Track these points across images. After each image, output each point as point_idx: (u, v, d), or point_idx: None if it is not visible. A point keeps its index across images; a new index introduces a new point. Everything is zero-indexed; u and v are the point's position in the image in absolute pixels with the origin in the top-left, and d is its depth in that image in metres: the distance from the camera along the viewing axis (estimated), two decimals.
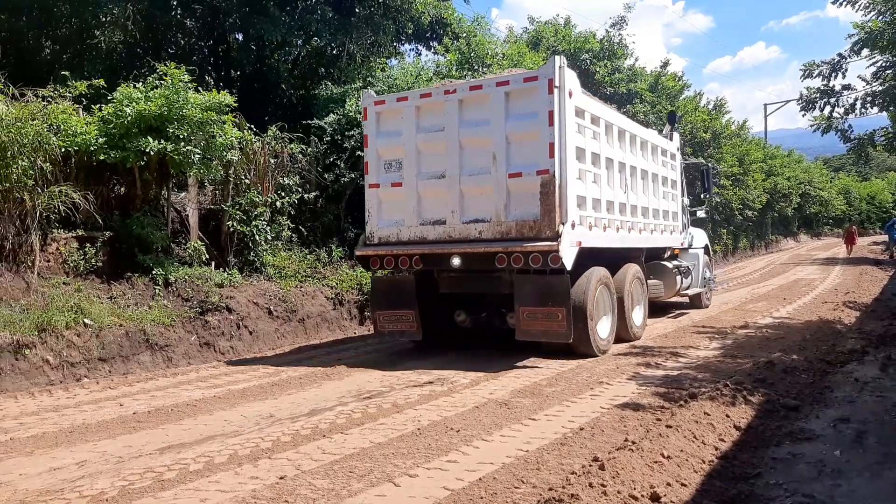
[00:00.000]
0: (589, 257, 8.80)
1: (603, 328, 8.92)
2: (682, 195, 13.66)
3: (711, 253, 15.40)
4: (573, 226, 7.82)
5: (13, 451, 5.15)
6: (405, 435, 5.23)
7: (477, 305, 9.11)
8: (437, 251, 8.29)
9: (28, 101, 9.27)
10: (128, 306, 9.03)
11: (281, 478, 4.37)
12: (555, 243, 7.51)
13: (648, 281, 10.99)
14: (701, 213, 15.35)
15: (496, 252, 7.87)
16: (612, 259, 9.64)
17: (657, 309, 12.78)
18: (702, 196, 14.28)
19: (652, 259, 12.03)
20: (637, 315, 10.25)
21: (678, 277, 12.40)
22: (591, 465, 4.13)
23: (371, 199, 8.91)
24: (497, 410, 5.93)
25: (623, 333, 9.62)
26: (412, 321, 8.80)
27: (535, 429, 5.34)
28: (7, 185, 8.54)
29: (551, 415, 5.77)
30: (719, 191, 26.86)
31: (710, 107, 29.63)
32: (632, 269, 9.88)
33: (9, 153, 8.50)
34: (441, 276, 9.10)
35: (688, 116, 25.19)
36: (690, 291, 13.15)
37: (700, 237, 14.33)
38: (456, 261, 8.19)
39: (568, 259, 7.65)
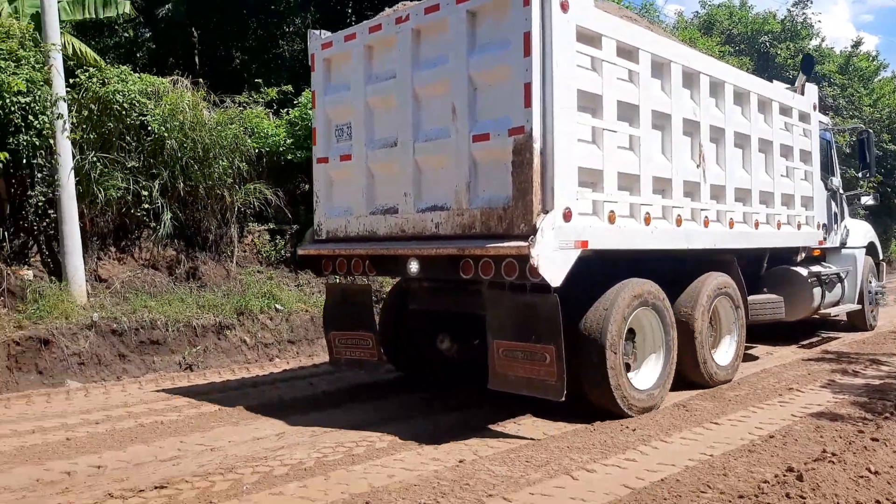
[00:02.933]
0: (623, 265, 5.79)
1: (644, 375, 5.86)
2: (831, 173, 9.77)
3: (881, 254, 11.09)
4: (567, 216, 4.90)
5: (222, 420, 5.75)
6: (578, 429, 5.23)
7: (466, 329, 6.42)
8: (387, 251, 5.74)
9: (227, 107, 10.83)
10: (312, 294, 10.02)
11: (460, 461, 4.49)
12: (524, 244, 4.67)
13: (753, 298, 7.54)
14: (868, 200, 11.15)
15: (457, 256, 5.18)
16: (675, 267, 6.46)
17: (783, 331, 9.10)
18: (860, 175, 10.15)
19: (776, 263, 8.48)
20: (724, 349, 6.93)
21: (815, 290, 8.67)
22: (785, 475, 3.94)
23: (319, 177, 6.54)
24: (675, 412, 5.69)
25: (693, 375, 6.43)
26: (371, 347, 6.33)
27: (717, 433, 5.13)
28: (210, 182, 9.95)
29: (735, 420, 5.49)
30: None
31: None
32: (712, 282, 6.60)
33: (211, 154, 9.88)
34: (409, 287, 6.55)
35: (884, 100, 23.25)
36: (838, 309, 9.27)
37: (860, 232, 10.26)
38: (413, 267, 5.58)
39: (552, 268, 4.76)
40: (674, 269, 6.43)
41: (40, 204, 8.61)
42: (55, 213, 8.55)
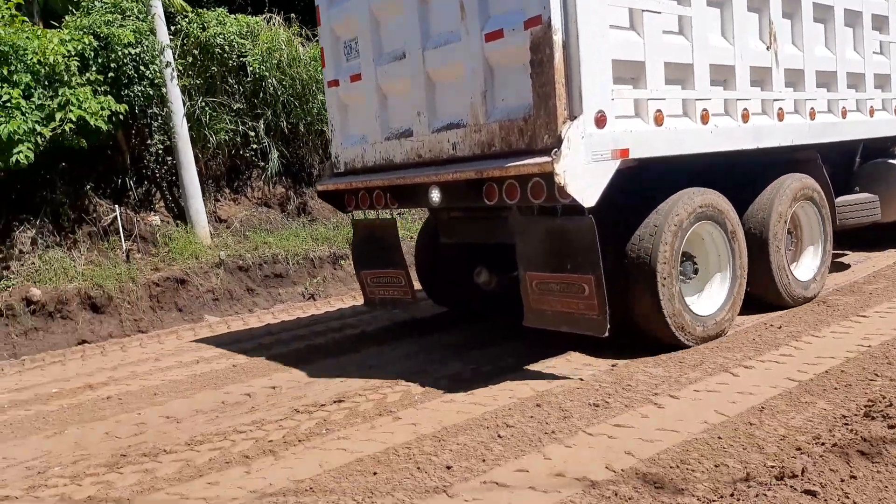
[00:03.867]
0: (679, 173, 4.97)
1: (707, 299, 5.08)
2: None
3: None
4: (600, 121, 4.10)
5: (366, 342, 5.89)
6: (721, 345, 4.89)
7: (504, 259, 5.76)
8: (403, 181, 5.11)
9: (318, 40, 11.04)
10: (414, 221, 9.76)
11: (612, 365, 4.58)
12: (547, 159, 3.93)
13: (842, 199, 6.50)
14: None
15: (477, 180, 4.49)
16: (744, 171, 5.54)
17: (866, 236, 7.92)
18: None
19: (870, 157, 7.32)
20: (806, 263, 6.01)
21: None
22: None
23: (331, 103, 5.90)
24: (817, 309, 5.61)
25: (770, 296, 5.60)
26: (403, 285, 5.81)
27: (867, 326, 5.01)
28: (309, 118, 10.06)
29: (883, 312, 5.35)
30: None
31: None
32: (790, 186, 5.63)
33: (308, 90, 9.93)
34: (438, 218, 5.92)
35: None
36: None
37: None
38: (434, 196, 4.94)
39: (584, 186, 4.02)
40: (742, 175, 5.51)
41: (159, 152, 8.97)
42: (173, 159, 8.90)
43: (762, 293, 5.56)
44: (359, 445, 3.61)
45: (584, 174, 4.02)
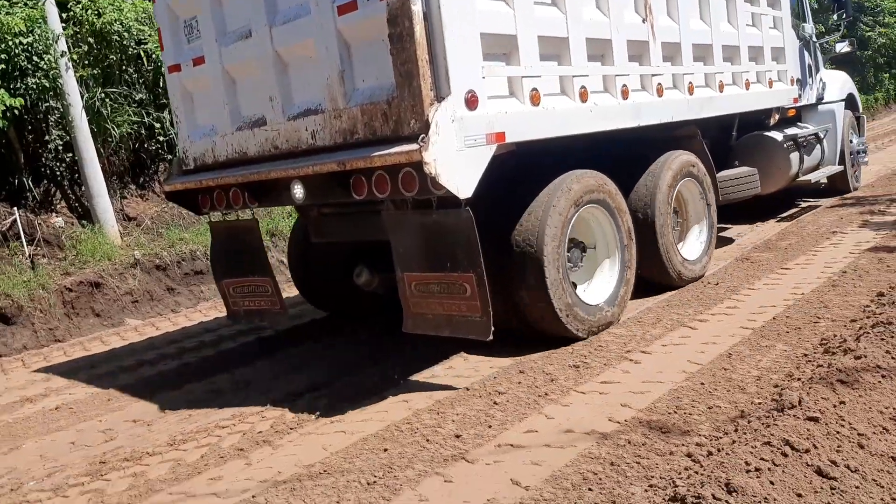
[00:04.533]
0: (559, 156, 4.64)
1: (597, 287, 4.82)
2: (803, 20, 8.48)
3: (861, 107, 9.97)
4: (471, 101, 3.66)
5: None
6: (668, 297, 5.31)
7: (387, 256, 5.27)
8: (257, 176, 4.49)
9: None
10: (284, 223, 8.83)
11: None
12: (414, 147, 3.46)
13: (723, 174, 6.45)
14: (843, 48, 9.90)
15: (341, 173, 3.95)
16: (626, 150, 5.31)
17: (749, 208, 8.06)
18: (835, 18, 8.83)
19: (746, 130, 7.36)
20: (692, 242, 5.88)
21: (793, 155, 7.61)
22: (880, 298, 4.35)
23: (174, 91, 5.16)
24: (743, 266, 6.03)
25: (659, 276, 5.42)
26: (270, 294, 5.19)
27: (793, 277, 5.44)
28: None
29: (802, 263, 5.84)
30: (885, 30, 21.59)
31: None
32: (673, 163, 5.45)
33: None
34: (307, 216, 5.36)
35: None
36: (818, 174, 8.22)
37: (837, 84, 9.07)
38: (297, 192, 4.36)
39: (458, 175, 3.58)
40: (625, 154, 5.28)
41: (59, 148, 8.23)
42: (73, 155, 8.19)
43: (650, 275, 5.37)
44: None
45: (457, 162, 3.58)
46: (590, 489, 2.70)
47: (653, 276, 5.40)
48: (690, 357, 3.98)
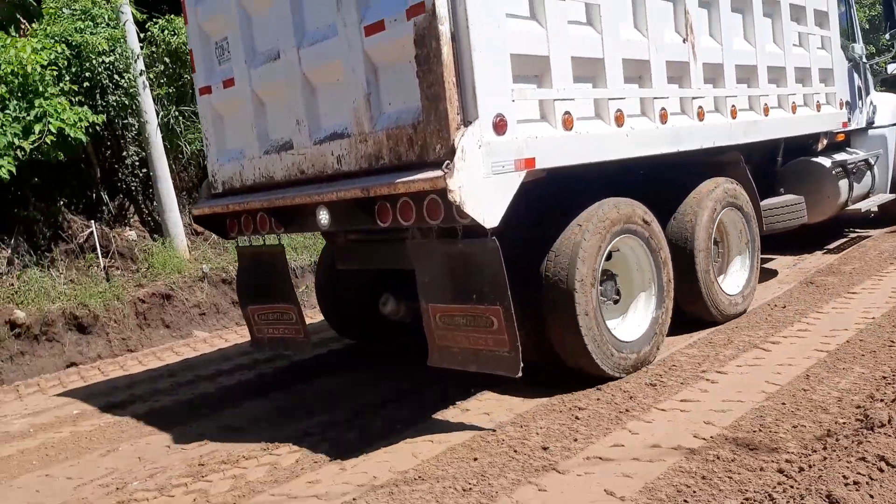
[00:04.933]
0: (593, 182, 4.45)
1: (632, 322, 4.58)
2: (852, 39, 8.16)
3: None
4: (500, 126, 3.51)
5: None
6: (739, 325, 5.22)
7: (411, 285, 5.11)
8: (282, 201, 4.39)
9: None
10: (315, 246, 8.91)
11: None
12: (439, 173, 3.31)
13: (768, 202, 6.16)
14: (895, 69, 9.51)
15: (367, 199, 3.82)
16: (664, 177, 5.09)
17: (787, 239, 7.69)
18: (888, 38, 8.46)
19: (792, 155, 7.05)
20: (734, 273, 5.60)
21: (841, 182, 7.26)
22: None
23: (205, 113, 5.14)
24: (809, 289, 6.04)
25: (698, 311, 5.15)
26: (294, 322, 5.06)
27: (862, 301, 5.45)
28: None
29: (869, 288, 5.84)
30: None
31: None
32: (714, 192, 5.20)
33: None
34: (334, 242, 5.26)
35: None
36: (868, 202, 7.84)
37: (889, 107, 8.66)
38: (323, 217, 4.26)
39: (484, 203, 3.42)
40: (663, 181, 5.06)
41: (135, 164, 8.59)
42: (147, 171, 8.49)
43: (689, 311, 5.11)
44: None
45: (483, 189, 3.42)
46: (685, 501, 2.76)
47: (692, 311, 5.13)
48: (767, 378, 4.02)
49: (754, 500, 2.66)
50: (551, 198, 4.27)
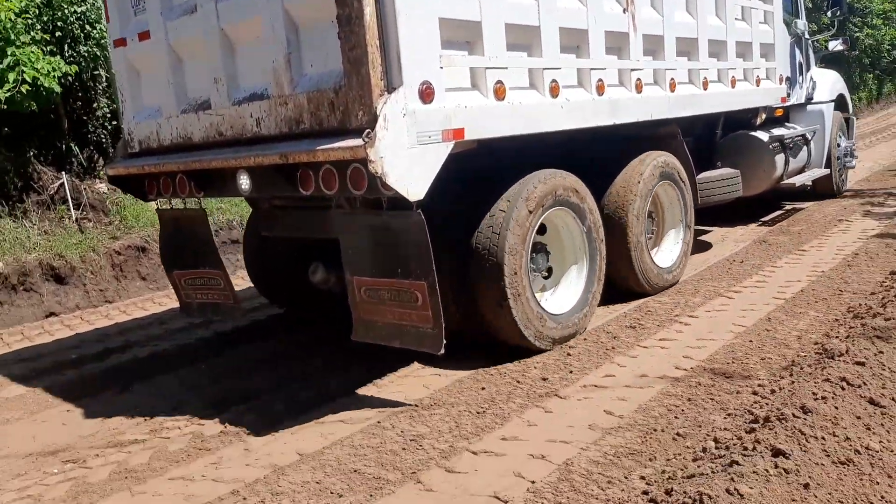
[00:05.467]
0: (527, 154, 4.34)
1: (563, 295, 4.54)
2: (796, 14, 8.19)
3: (851, 107, 9.71)
4: (426, 94, 3.34)
5: None
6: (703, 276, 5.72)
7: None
8: (201, 164, 4.14)
9: None
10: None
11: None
12: (359, 141, 3.14)
13: (704, 175, 6.18)
14: (837, 46, 9.63)
15: (288, 165, 3.62)
16: (600, 149, 5.02)
17: (732, 210, 7.82)
18: (829, 16, 8.53)
19: (731, 129, 7.09)
20: (668, 247, 5.62)
21: (778, 157, 7.36)
22: (893, 276, 4.93)
23: (119, 67, 4.79)
24: (760, 248, 6.53)
25: (630, 283, 5.16)
26: (223, 287, 4.87)
27: (811, 257, 6.01)
28: None
29: (816, 246, 6.39)
30: (872, 31, 22.72)
31: None
32: (650, 165, 5.17)
33: None
34: (258, 209, 5.07)
35: None
36: (803, 177, 7.97)
37: (828, 84, 8.81)
38: (244, 183, 4.04)
39: (409, 175, 3.27)
40: (599, 154, 4.99)
41: (106, 115, 8.32)
42: (117, 123, 8.01)
43: (620, 283, 5.11)
44: None
45: (407, 160, 3.27)
46: (676, 417, 3.23)
47: (623, 283, 5.14)
48: (734, 321, 4.51)
49: (735, 415, 3.13)
50: (485, 169, 4.16)
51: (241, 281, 6.56)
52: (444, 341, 3.50)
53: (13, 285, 6.47)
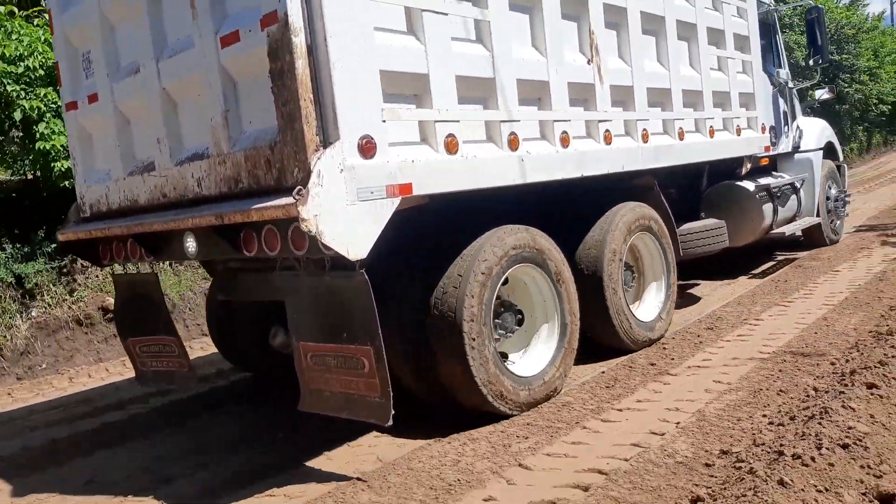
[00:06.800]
0: (489, 208, 4.14)
1: (532, 356, 4.26)
2: (777, 64, 8.12)
3: (841, 155, 9.54)
4: (366, 148, 3.16)
5: None
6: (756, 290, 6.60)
7: None
8: (142, 227, 3.94)
9: None
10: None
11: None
12: (290, 200, 2.94)
13: (686, 227, 5.96)
14: (823, 94, 9.56)
15: (231, 226, 3.41)
16: (571, 202, 4.83)
17: (715, 262, 7.59)
18: (810, 62, 8.44)
19: (718, 179, 6.91)
20: (650, 301, 5.36)
21: (765, 206, 7.14)
22: None
23: (71, 130, 4.67)
24: (797, 270, 7.29)
25: (609, 340, 4.89)
26: (177, 355, 4.61)
27: (844, 276, 6.73)
28: None
29: (847, 268, 7.13)
30: (860, 87, 24.11)
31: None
32: (625, 217, 4.95)
33: None
34: (212, 271, 4.89)
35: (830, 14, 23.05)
36: (793, 226, 7.75)
37: (815, 132, 8.66)
38: (190, 246, 3.83)
39: (349, 234, 3.06)
40: (569, 207, 4.79)
41: None
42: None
43: (600, 340, 4.84)
44: None
45: (347, 218, 3.06)
46: (774, 381, 4.03)
47: (603, 340, 4.86)
48: (795, 321, 5.30)
49: (822, 377, 3.89)
50: (443, 224, 3.95)
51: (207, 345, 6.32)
52: (392, 412, 3.21)
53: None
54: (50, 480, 3.89)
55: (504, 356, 4.11)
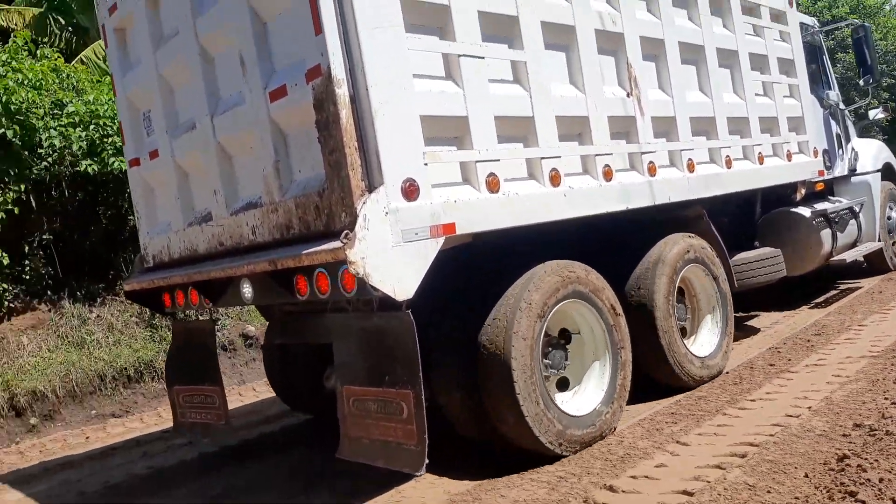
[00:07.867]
0: (535, 244, 4.17)
1: (585, 395, 4.20)
2: (827, 86, 7.97)
3: None
4: (409, 191, 3.24)
5: None
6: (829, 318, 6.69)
7: None
8: (201, 275, 4.11)
9: None
10: None
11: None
12: (338, 244, 3.04)
13: (739, 257, 5.84)
14: (877, 114, 9.30)
15: (285, 271, 3.53)
16: (618, 236, 4.80)
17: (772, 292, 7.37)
18: (861, 82, 8.24)
19: (772, 206, 6.77)
20: (705, 335, 5.23)
21: (823, 233, 6.94)
22: None
23: (135, 185, 4.94)
24: (866, 298, 7.22)
25: (664, 377, 4.78)
26: (217, 406, 4.71)
27: None
28: None
29: None
30: None
31: None
32: (674, 249, 4.90)
33: None
34: (270, 316, 5.03)
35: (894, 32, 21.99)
36: (854, 252, 7.48)
37: (871, 153, 8.40)
38: (247, 292, 3.98)
39: (394, 274, 3.13)
40: (616, 240, 4.76)
41: None
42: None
43: (655, 376, 4.74)
44: None
45: (393, 259, 3.14)
46: (890, 372, 4.47)
47: (658, 377, 4.77)
48: (888, 331, 5.66)
49: None
50: (489, 261, 3.99)
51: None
52: (427, 461, 3.20)
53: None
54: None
55: (552, 394, 4.05)
